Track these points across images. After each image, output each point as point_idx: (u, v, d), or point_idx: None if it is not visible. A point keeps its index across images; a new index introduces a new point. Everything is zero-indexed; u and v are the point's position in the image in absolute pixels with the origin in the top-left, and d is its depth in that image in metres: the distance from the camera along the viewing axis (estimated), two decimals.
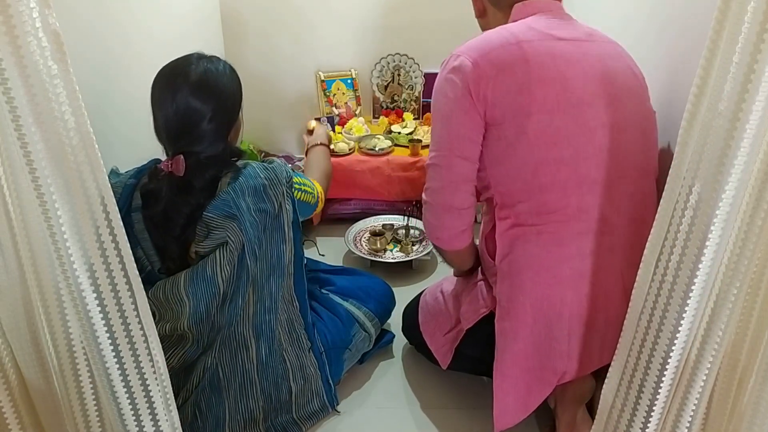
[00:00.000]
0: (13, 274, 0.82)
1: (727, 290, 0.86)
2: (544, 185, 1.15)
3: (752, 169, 0.80)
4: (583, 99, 1.15)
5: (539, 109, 1.13)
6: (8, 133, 0.72)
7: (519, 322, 1.22)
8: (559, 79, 1.14)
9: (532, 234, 1.18)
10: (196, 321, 1.22)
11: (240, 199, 1.19)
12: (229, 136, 1.29)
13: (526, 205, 1.18)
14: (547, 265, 1.19)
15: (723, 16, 0.75)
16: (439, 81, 1.21)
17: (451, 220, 1.24)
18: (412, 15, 2.44)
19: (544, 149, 1.14)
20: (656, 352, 0.93)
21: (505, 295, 1.23)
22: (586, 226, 1.17)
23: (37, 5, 0.69)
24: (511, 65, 1.13)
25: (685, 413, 0.95)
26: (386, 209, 2.26)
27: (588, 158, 1.15)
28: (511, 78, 1.13)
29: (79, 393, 0.90)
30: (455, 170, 1.20)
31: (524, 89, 1.12)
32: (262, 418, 1.36)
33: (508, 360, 1.25)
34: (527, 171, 1.16)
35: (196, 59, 1.23)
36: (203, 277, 1.20)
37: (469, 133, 1.18)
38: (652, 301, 0.93)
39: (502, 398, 1.27)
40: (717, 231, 0.82)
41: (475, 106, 1.15)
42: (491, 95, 1.14)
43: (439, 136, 1.22)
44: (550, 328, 1.21)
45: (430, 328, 1.48)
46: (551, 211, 1.17)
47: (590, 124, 1.15)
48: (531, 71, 1.13)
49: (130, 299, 0.85)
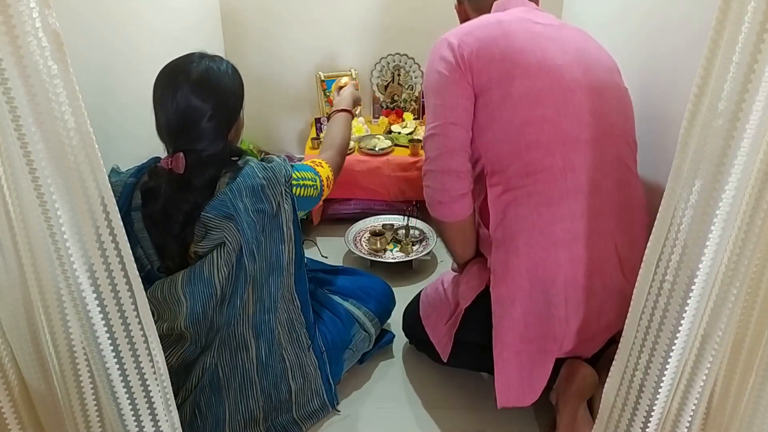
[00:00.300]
0: (13, 274, 0.82)
1: (727, 290, 0.86)
2: (529, 143, 1.22)
3: (752, 168, 0.80)
4: (562, 66, 1.26)
5: (521, 74, 1.23)
6: (8, 133, 0.72)
7: (515, 286, 1.24)
8: (538, 49, 1.26)
9: (523, 197, 1.23)
10: (193, 321, 1.22)
11: (237, 199, 1.19)
12: (230, 135, 1.29)
13: (514, 166, 1.24)
14: (539, 227, 1.23)
15: (723, 15, 0.75)
16: (430, 64, 1.33)
17: (450, 182, 1.29)
18: (413, 15, 2.44)
19: (527, 109, 1.23)
20: (656, 352, 0.93)
21: (500, 262, 1.26)
22: (574, 186, 1.22)
23: (37, 5, 0.69)
24: (494, 38, 1.27)
25: (685, 413, 0.95)
26: (386, 209, 2.26)
27: (569, 117, 1.23)
28: (495, 48, 1.25)
29: (79, 393, 0.90)
30: (451, 136, 1.28)
31: (507, 57, 1.25)
32: (262, 417, 1.36)
33: (506, 327, 1.26)
34: (513, 131, 1.24)
35: (198, 58, 1.23)
36: (200, 277, 1.20)
37: (461, 101, 1.27)
38: (653, 301, 0.93)
39: (504, 368, 1.28)
40: (717, 231, 0.82)
41: (465, 76, 1.26)
42: (477, 64, 1.25)
43: (434, 107, 1.31)
44: (546, 293, 1.23)
45: (431, 320, 1.48)
46: (538, 170, 1.22)
47: (570, 85, 1.25)
48: (512, 43, 1.26)
49: (130, 299, 0.85)
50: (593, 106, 1.25)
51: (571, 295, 1.23)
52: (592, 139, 1.24)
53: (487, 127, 1.27)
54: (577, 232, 1.23)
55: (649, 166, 1.54)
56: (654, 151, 1.52)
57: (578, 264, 1.23)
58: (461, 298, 1.37)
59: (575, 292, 1.23)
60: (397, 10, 2.44)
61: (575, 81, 1.25)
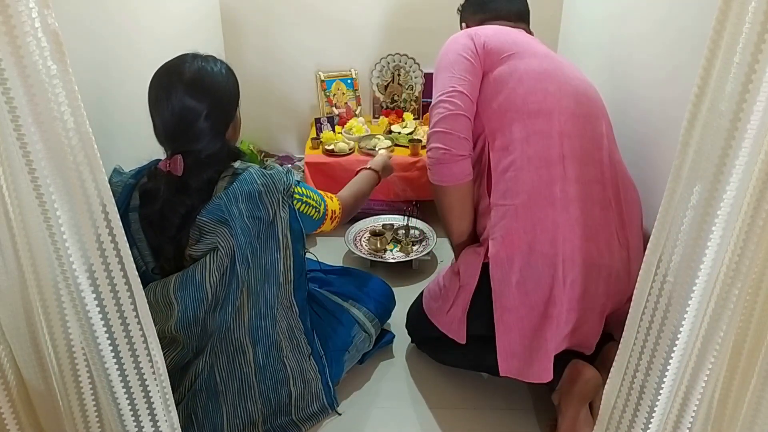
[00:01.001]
0: (13, 274, 0.82)
1: (729, 291, 0.86)
2: (531, 111, 1.34)
3: (753, 169, 0.80)
4: (561, 60, 1.46)
5: (529, 55, 1.41)
6: (8, 133, 0.72)
7: (514, 248, 1.28)
8: (541, 47, 1.46)
9: (522, 160, 1.32)
10: (184, 325, 1.22)
11: (233, 204, 1.18)
12: (228, 135, 1.28)
13: (516, 132, 1.34)
14: (538, 187, 1.30)
15: (724, 16, 0.75)
16: (447, 47, 1.47)
17: (451, 142, 1.36)
18: (413, 15, 2.44)
19: (533, 81, 1.37)
20: (657, 353, 0.93)
21: (499, 225, 1.32)
22: (570, 151, 1.32)
23: (36, 5, 0.69)
24: (506, 32, 1.48)
25: (687, 414, 0.95)
26: (386, 209, 2.26)
27: (569, 96, 1.37)
28: (505, 37, 1.45)
29: (78, 393, 0.90)
30: (457, 102, 1.37)
31: (516, 44, 1.43)
32: (261, 421, 1.36)
33: (506, 291, 1.28)
34: (518, 98, 1.36)
35: (191, 58, 1.23)
36: (192, 281, 1.19)
37: (470, 76, 1.39)
38: (653, 302, 0.93)
39: (505, 333, 1.29)
40: (718, 231, 0.82)
41: (477, 55, 1.41)
42: (489, 43, 1.42)
43: (444, 78, 1.41)
44: (544, 255, 1.26)
45: (435, 311, 1.48)
46: (538, 134, 1.33)
47: (568, 74, 1.42)
48: (517, 38, 1.46)
49: (129, 300, 0.85)
50: (587, 95, 1.41)
51: (568, 257, 1.26)
52: (586, 117, 1.37)
53: (492, 98, 1.38)
54: (573, 195, 1.29)
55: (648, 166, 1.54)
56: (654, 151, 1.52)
57: (575, 226, 1.28)
58: (465, 280, 1.38)
59: (573, 254, 1.27)
60: (397, 10, 2.44)
61: (572, 74, 1.43)
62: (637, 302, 0.98)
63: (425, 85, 2.51)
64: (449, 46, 1.45)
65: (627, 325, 1.01)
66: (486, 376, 1.57)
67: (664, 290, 0.90)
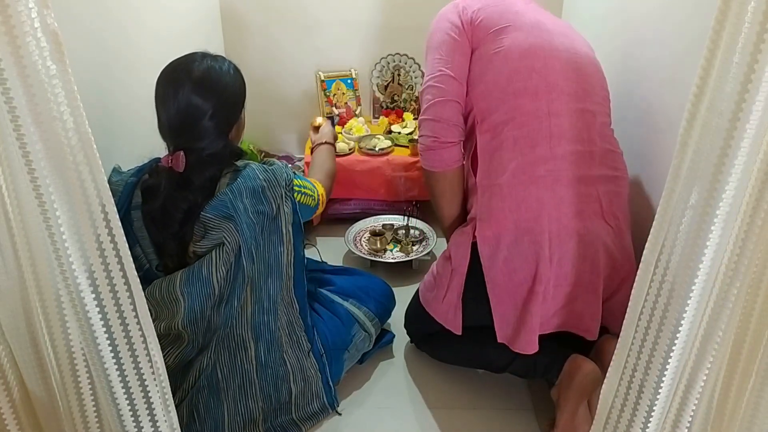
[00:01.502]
0: (12, 275, 0.82)
1: (728, 290, 0.86)
2: (517, 90, 1.33)
3: (752, 169, 0.80)
4: (552, 30, 1.40)
5: (515, 29, 1.37)
6: (7, 133, 0.72)
7: (500, 227, 1.29)
8: (532, 16, 1.41)
9: (508, 140, 1.32)
10: (191, 321, 1.22)
11: (237, 200, 1.19)
12: (231, 135, 1.29)
13: (502, 112, 1.33)
14: (522, 166, 1.30)
15: (723, 16, 0.75)
16: (435, 24, 1.45)
17: (441, 130, 1.38)
18: (413, 15, 2.44)
19: (517, 59, 1.34)
20: (656, 353, 0.93)
21: (485, 206, 1.33)
22: (558, 131, 1.31)
23: (35, 5, 0.69)
24: (496, 3, 1.42)
25: (686, 413, 0.95)
26: (386, 209, 2.26)
27: (556, 71, 1.35)
28: (494, 8, 1.40)
29: (77, 394, 0.90)
30: (446, 87, 1.37)
31: (503, 16, 1.39)
32: (261, 419, 1.36)
33: (495, 268, 1.30)
34: (502, 80, 1.34)
35: (200, 57, 1.24)
36: (199, 277, 1.20)
37: (458, 57, 1.38)
38: (652, 302, 0.93)
39: (499, 303, 1.32)
40: (717, 231, 0.82)
41: (464, 32, 1.39)
42: (476, 17, 1.39)
43: (433, 60, 1.41)
44: (531, 232, 1.28)
45: (431, 301, 1.48)
46: (524, 114, 1.32)
47: (557, 46, 1.38)
48: (510, 7, 1.42)
49: (128, 300, 0.85)
50: (577, 67, 1.38)
51: (555, 235, 1.28)
52: (575, 93, 1.35)
53: (479, 79, 1.37)
54: (559, 174, 1.30)
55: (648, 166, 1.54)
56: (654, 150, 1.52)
57: (561, 205, 1.29)
58: (456, 262, 1.39)
59: (558, 232, 1.28)
60: (397, 10, 2.44)
61: (563, 45, 1.39)
62: (635, 301, 0.98)
63: None
64: (437, 24, 1.44)
65: (625, 324, 1.01)
66: (482, 372, 1.56)
67: (662, 289, 0.90)
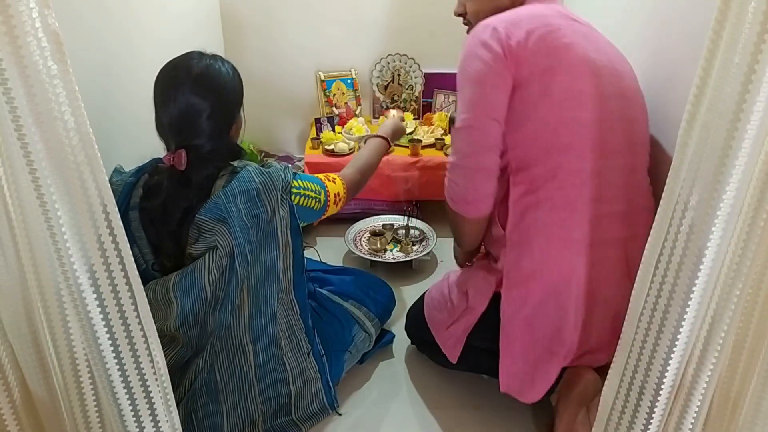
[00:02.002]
0: (14, 274, 0.82)
1: (729, 291, 0.86)
2: (562, 146, 1.20)
3: (753, 169, 0.80)
4: (601, 69, 1.23)
5: (565, 71, 1.20)
6: (8, 133, 0.72)
7: (527, 290, 1.24)
8: (581, 48, 1.22)
9: (545, 200, 1.21)
10: (183, 323, 1.22)
11: (231, 203, 1.19)
12: (231, 133, 1.29)
13: (542, 167, 1.21)
14: (557, 231, 1.22)
15: (723, 16, 0.75)
16: (469, 48, 1.24)
17: (481, 181, 1.24)
18: (412, 15, 2.44)
19: (566, 109, 1.20)
20: (657, 354, 0.93)
21: (513, 263, 1.25)
22: (597, 192, 1.21)
23: (36, 5, 0.69)
24: (542, 33, 1.20)
25: (688, 416, 0.94)
26: (386, 209, 2.26)
27: (602, 122, 1.21)
28: (541, 41, 1.20)
29: (79, 393, 0.90)
30: (488, 131, 1.22)
31: (552, 52, 1.20)
32: (261, 420, 1.36)
33: (515, 324, 1.26)
34: (547, 131, 1.20)
35: (198, 56, 1.24)
36: (191, 279, 1.20)
37: (501, 96, 1.21)
38: (652, 303, 0.93)
39: (508, 359, 1.28)
40: (718, 232, 0.82)
41: (508, 67, 1.19)
42: (522, 54, 1.19)
43: (472, 98, 1.23)
44: (557, 297, 1.23)
45: (435, 323, 1.47)
46: (566, 174, 1.20)
47: (606, 91, 1.22)
48: (558, 38, 1.21)
49: (130, 299, 0.85)
50: (623, 114, 1.24)
51: (582, 301, 1.23)
52: (621, 150, 1.23)
53: (520, 123, 1.22)
54: (594, 237, 1.22)
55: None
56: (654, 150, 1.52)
57: (591, 269, 1.22)
58: (473, 304, 1.36)
59: (586, 298, 1.23)
60: (397, 10, 2.45)
61: (612, 86, 1.24)
62: (635, 303, 0.98)
63: (425, 85, 2.51)
64: (473, 50, 1.23)
65: (625, 326, 1.01)
66: (486, 378, 1.57)
67: (663, 291, 0.90)
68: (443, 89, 2.53)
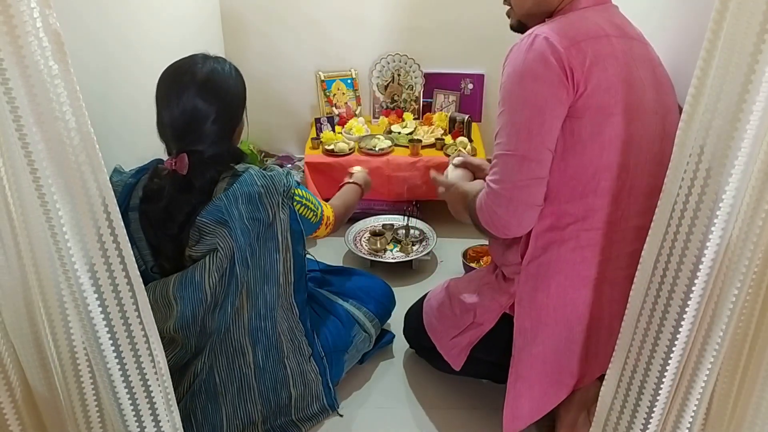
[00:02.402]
0: (15, 274, 0.82)
1: (728, 291, 0.86)
2: (599, 189, 1.12)
3: (752, 169, 0.80)
4: (654, 107, 1.13)
5: (621, 111, 1.09)
6: (9, 133, 0.72)
7: (540, 323, 1.21)
8: (639, 84, 1.11)
9: (570, 239, 1.16)
10: (182, 325, 1.22)
11: (232, 205, 1.19)
12: (233, 137, 1.29)
13: (573, 207, 1.14)
14: (577, 270, 1.17)
15: (720, 16, 0.75)
16: (525, 63, 1.08)
17: (531, 218, 1.15)
18: (413, 15, 2.44)
19: (614, 154, 1.11)
20: (656, 354, 0.93)
21: (528, 295, 1.22)
22: (623, 235, 1.16)
23: (37, 5, 0.69)
24: (604, 59, 1.08)
25: (686, 415, 0.95)
26: (386, 209, 2.26)
27: (644, 167, 1.13)
28: (603, 73, 1.08)
29: (80, 393, 0.90)
30: (545, 164, 1.11)
31: (612, 87, 1.08)
32: (261, 421, 1.36)
33: (525, 361, 1.24)
34: (588, 172, 1.12)
35: (202, 59, 1.23)
36: (191, 281, 1.20)
37: (558, 124, 1.10)
38: (651, 303, 0.93)
39: (516, 399, 1.26)
40: (717, 231, 0.82)
41: (569, 94, 1.08)
42: (583, 86, 1.07)
43: (530, 126, 1.09)
44: (570, 331, 1.21)
45: (437, 332, 1.45)
46: (597, 217, 1.14)
47: (655, 133, 1.14)
48: (620, 70, 1.09)
49: (131, 299, 0.85)
50: (663, 156, 1.08)
51: (594, 335, 1.22)
52: (649, 191, 1.14)
53: (562, 156, 1.12)
54: (610, 276, 1.19)
55: None
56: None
57: (603, 305, 1.20)
58: (481, 321, 1.34)
59: (598, 332, 1.22)
60: (397, 10, 2.45)
61: (659, 128, 1.15)
62: (633, 303, 0.98)
63: (425, 85, 2.51)
64: (532, 66, 1.08)
65: (623, 326, 1.01)
66: (485, 382, 1.56)
67: (662, 291, 0.90)
68: (443, 89, 2.53)
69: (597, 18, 1.14)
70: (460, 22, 2.42)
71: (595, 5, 1.17)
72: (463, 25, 2.43)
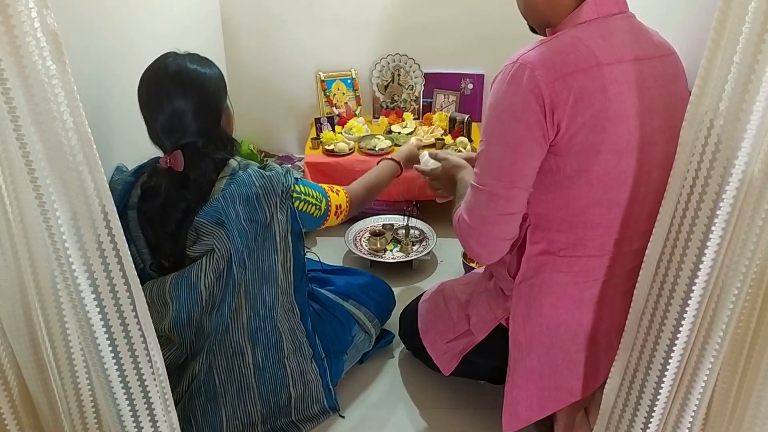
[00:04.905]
0: (12, 274, 0.82)
1: (728, 291, 0.86)
2: (590, 223, 1.09)
3: (753, 169, 0.80)
4: (651, 138, 1.06)
5: (609, 149, 1.03)
6: (7, 133, 0.72)
7: (534, 339, 1.21)
8: (632, 116, 1.03)
9: (563, 264, 1.14)
10: (177, 325, 1.22)
11: (230, 206, 1.19)
12: (222, 123, 1.28)
13: (565, 236, 1.12)
14: (570, 292, 1.16)
15: (724, 16, 0.75)
16: (505, 96, 1.04)
17: (502, 249, 1.13)
18: (412, 15, 2.44)
19: (602, 191, 1.06)
20: (657, 353, 0.93)
21: (522, 312, 1.20)
22: (618, 259, 1.14)
23: (35, 5, 0.69)
24: (590, 95, 1.00)
25: (686, 413, 0.95)
26: (386, 209, 2.26)
27: (639, 200, 1.09)
28: (589, 111, 1.00)
29: (76, 394, 0.90)
30: (515, 201, 1.08)
31: (599, 125, 1.01)
32: (260, 421, 1.36)
33: (521, 372, 1.24)
34: (578, 207, 1.08)
35: (173, 56, 1.23)
36: (188, 282, 1.20)
37: (534, 163, 1.06)
38: (653, 302, 0.93)
39: (513, 406, 1.26)
40: (718, 231, 0.82)
41: (547, 135, 1.02)
42: (565, 126, 1.01)
43: (502, 163, 1.06)
44: (566, 350, 1.21)
45: (430, 336, 1.45)
46: (589, 246, 1.12)
47: (651, 165, 1.08)
48: (608, 106, 1.01)
49: (128, 299, 0.85)
50: (661, 185, 0.98)
51: (591, 354, 1.21)
52: (647, 216, 1.08)
53: (549, 189, 1.09)
54: (604, 295, 1.17)
55: None
56: None
57: (599, 322, 1.19)
58: (475, 330, 1.33)
59: (596, 350, 1.21)
60: (397, 10, 2.44)
61: (656, 159, 1.08)
62: (637, 303, 0.98)
63: (425, 85, 2.51)
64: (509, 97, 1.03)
65: (627, 326, 1.01)
66: (482, 383, 1.56)
67: (663, 290, 0.90)
68: (443, 89, 2.53)
69: (597, 39, 1.03)
70: (460, 22, 2.42)
71: (600, 17, 1.05)
72: (463, 25, 2.42)
